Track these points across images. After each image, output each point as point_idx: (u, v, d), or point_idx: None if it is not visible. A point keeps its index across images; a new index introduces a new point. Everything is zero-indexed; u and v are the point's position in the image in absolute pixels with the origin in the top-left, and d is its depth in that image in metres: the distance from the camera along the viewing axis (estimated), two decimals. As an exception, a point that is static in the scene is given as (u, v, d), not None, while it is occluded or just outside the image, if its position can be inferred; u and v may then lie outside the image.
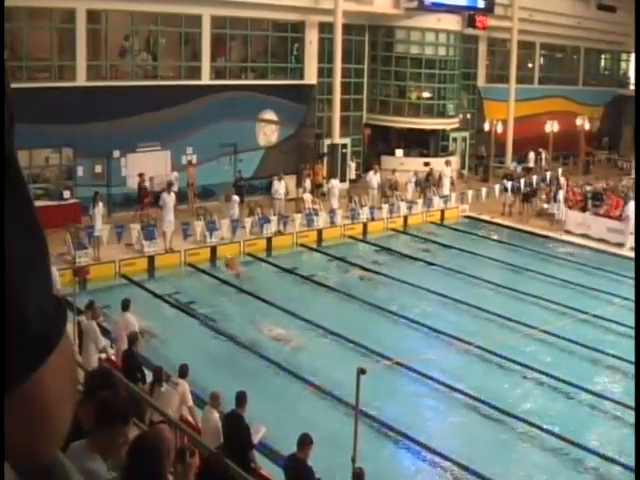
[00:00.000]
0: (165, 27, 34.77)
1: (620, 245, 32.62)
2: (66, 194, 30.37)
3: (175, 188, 30.58)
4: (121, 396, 4.65)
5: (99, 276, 25.39)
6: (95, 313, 17.22)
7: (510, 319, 23.60)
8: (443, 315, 24.52)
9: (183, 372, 14.51)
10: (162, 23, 34.42)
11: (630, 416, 17.96)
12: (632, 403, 18.25)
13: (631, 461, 15.72)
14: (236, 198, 30.90)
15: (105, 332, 17.84)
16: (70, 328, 16.23)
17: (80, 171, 31.41)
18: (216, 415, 12.93)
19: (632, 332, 22.72)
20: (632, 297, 25.51)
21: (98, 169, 31.78)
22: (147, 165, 32.63)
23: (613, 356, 21.35)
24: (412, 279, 27.68)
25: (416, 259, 30.61)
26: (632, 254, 31.76)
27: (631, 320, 23.62)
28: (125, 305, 17.69)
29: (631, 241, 32.34)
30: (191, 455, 8.03)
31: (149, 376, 15.19)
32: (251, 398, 12.92)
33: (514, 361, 20.44)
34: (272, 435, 14.65)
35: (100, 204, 27.56)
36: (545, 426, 17.11)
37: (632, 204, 33.04)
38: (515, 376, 20.12)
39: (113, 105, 31.14)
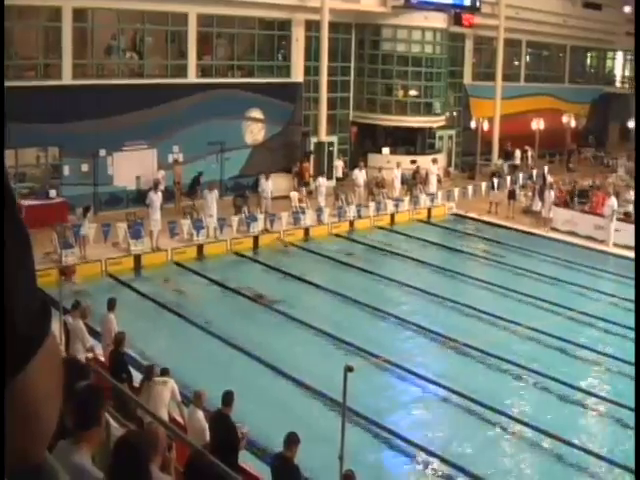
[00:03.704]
0: (151, 25, 34.70)
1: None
2: (52, 193, 30.27)
3: (162, 187, 30.54)
4: (95, 390, 4.63)
5: (85, 275, 25.35)
6: (84, 313, 17.18)
7: (497, 316, 23.68)
8: (430, 313, 24.56)
9: (167, 371, 14.54)
10: (148, 21, 34.35)
11: (617, 412, 18.10)
12: (620, 399, 18.42)
13: (618, 457, 15.86)
14: (213, 193, 30.50)
15: (92, 332, 17.78)
16: (56, 327, 16.22)
17: (66, 170, 31.32)
18: (201, 414, 12.91)
19: (619, 329, 23.04)
20: (619, 294, 25.70)
21: (85, 168, 31.68)
22: (134, 164, 32.58)
23: (600, 353, 21.44)
24: (399, 277, 27.73)
25: (403, 256, 30.63)
26: (617, 251, 31.95)
27: (618, 317, 23.90)
28: (111, 304, 17.65)
29: (613, 238, 32.49)
30: (169, 449, 8.03)
31: (137, 376, 15.17)
32: (238, 397, 12.90)
33: (501, 358, 20.48)
34: (259, 434, 14.65)
35: (89, 214, 27.62)
36: (532, 423, 17.14)
37: (612, 200, 33.20)
38: (503, 373, 20.15)
39: (99, 104, 31.07)
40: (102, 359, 16.72)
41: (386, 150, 43.06)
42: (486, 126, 46.31)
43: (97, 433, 4.69)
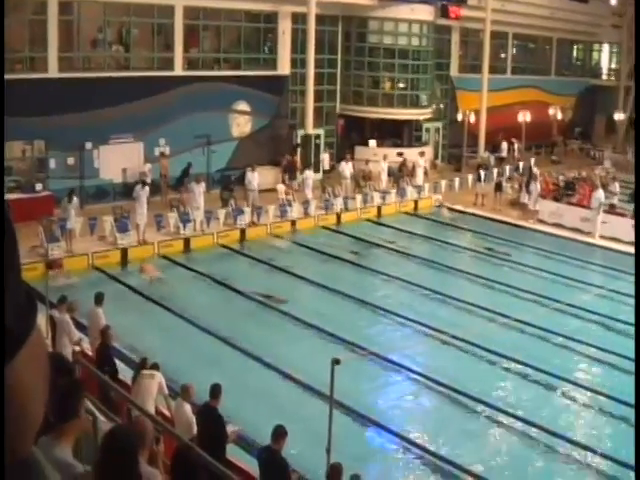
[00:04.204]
0: (138, 18, 34.54)
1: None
2: (38, 187, 30.16)
3: (149, 180, 30.47)
4: (73, 382, 4.62)
5: (72, 269, 25.29)
6: (71, 307, 17.13)
7: (484, 308, 23.74)
8: (417, 304, 24.60)
9: (156, 366, 14.54)
10: (134, 14, 34.20)
11: (603, 403, 18.23)
12: (605, 390, 18.55)
13: (604, 447, 15.96)
14: (200, 186, 30.46)
15: (79, 325, 17.74)
16: (43, 322, 16.19)
17: (52, 163, 31.20)
18: (188, 408, 12.90)
19: (605, 320, 23.16)
20: (605, 286, 25.82)
21: (71, 161, 31.58)
22: (120, 157, 32.50)
23: (587, 344, 21.53)
24: (386, 269, 27.78)
25: (390, 249, 30.67)
26: (604, 243, 32.09)
27: (604, 308, 24.01)
28: (98, 298, 17.61)
29: (600, 230, 32.61)
30: (156, 443, 8.04)
31: (125, 370, 15.16)
32: (225, 390, 12.91)
33: (488, 350, 20.54)
34: (247, 427, 14.67)
35: (75, 199, 27.43)
36: (519, 414, 17.22)
37: (599, 192, 33.31)
38: (489, 365, 20.21)
39: (85, 97, 30.96)
40: (89, 353, 16.69)
41: (373, 142, 43.05)
42: (473, 118, 46.34)
43: (76, 426, 4.69)
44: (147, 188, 28.52)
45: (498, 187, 38.30)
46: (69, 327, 16.53)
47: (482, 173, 39.12)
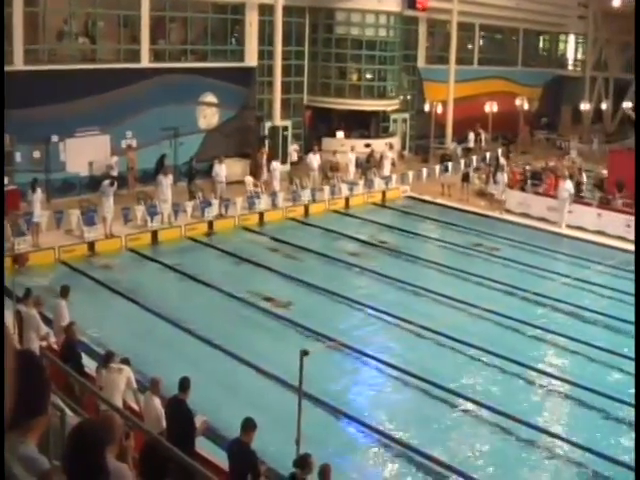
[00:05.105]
0: (103, 9, 34.24)
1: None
2: (4, 180, 29.88)
3: (115, 173, 30.32)
4: (40, 378, 4.59)
5: (38, 263, 25.13)
6: (38, 301, 17.02)
7: (452, 298, 23.84)
8: (386, 295, 24.65)
9: (127, 361, 14.49)
10: (100, 5, 33.91)
11: (574, 391, 18.38)
12: (575, 379, 18.77)
13: (579, 437, 16.10)
14: (168, 179, 30.34)
15: (45, 320, 17.63)
16: (9, 316, 16.09)
17: (18, 157, 30.94)
18: (157, 401, 12.86)
19: (573, 309, 23.41)
20: (572, 274, 26.00)
21: (37, 154, 31.33)
22: (86, 150, 32.30)
23: (555, 333, 21.71)
24: (354, 260, 27.84)
25: (358, 240, 30.73)
26: (570, 232, 32.34)
27: (571, 297, 24.23)
28: (64, 292, 17.52)
29: (567, 220, 32.85)
30: (126, 437, 8.00)
31: (92, 364, 15.10)
32: (194, 383, 12.88)
33: (457, 340, 20.61)
34: (215, 419, 14.65)
35: (39, 190, 27.16)
36: (489, 403, 17.30)
37: (568, 183, 33.52)
38: (458, 354, 20.28)
39: (51, 89, 30.71)
40: (56, 347, 16.60)
41: (340, 134, 43.12)
42: (440, 109, 46.51)
43: (43, 422, 4.66)
44: (114, 182, 28.37)
45: (465, 177, 38.47)
46: (36, 322, 16.42)
47: (449, 164, 39.27)
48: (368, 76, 44.10)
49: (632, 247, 29.70)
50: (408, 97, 48.19)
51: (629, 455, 14.57)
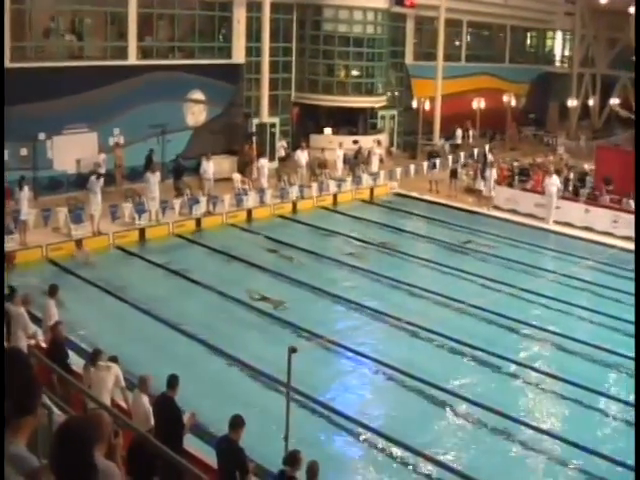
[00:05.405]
0: (91, 7, 34.11)
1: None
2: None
3: (103, 170, 30.25)
4: (29, 377, 4.58)
5: (26, 261, 25.07)
6: (26, 300, 16.96)
7: (440, 294, 23.90)
8: (374, 292, 24.70)
9: (115, 359, 14.46)
10: (87, 2, 33.78)
11: (555, 386, 18.47)
12: (562, 374, 18.80)
13: (567, 433, 16.15)
14: (156, 176, 30.28)
15: (33, 318, 17.58)
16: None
17: (5, 154, 30.81)
18: (145, 399, 12.84)
19: (560, 305, 23.46)
20: (559, 270, 26.12)
21: (24, 152, 31.22)
22: (74, 148, 32.22)
23: (541, 329, 21.80)
24: (342, 256, 27.86)
25: (346, 236, 30.75)
26: (557, 228, 32.44)
27: (558, 293, 24.32)
28: (52, 291, 17.47)
29: (554, 215, 32.95)
30: (115, 436, 7.98)
31: (80, 362, 15.07)
32: (183, 381, 12.87)
33: (444, 336, 20.69)
34: (204, 417, 14.65)
35: (26, 188, 27.04)
36: (477, 399, 17.34)
37: (554, 178, 33.62)
38: (446, 351, 20.35)
39: (38, 87, 30.61)
40: (44, 345, 16.56)
41: (328, 130, 43.15)
42: (427, 106, 46.56)
43: (32, 422, 4.66)
44: (102, 179, 28.31)
45: (453, 174, 38.56)
46: (24, 320, 16.37)
47: (437, 160, 39.33)
48: (356, 73, 44.12)
49: (619, 243, 29.97)
50: (396, 94, 48.23)
51: (629, 455, 14.59)
